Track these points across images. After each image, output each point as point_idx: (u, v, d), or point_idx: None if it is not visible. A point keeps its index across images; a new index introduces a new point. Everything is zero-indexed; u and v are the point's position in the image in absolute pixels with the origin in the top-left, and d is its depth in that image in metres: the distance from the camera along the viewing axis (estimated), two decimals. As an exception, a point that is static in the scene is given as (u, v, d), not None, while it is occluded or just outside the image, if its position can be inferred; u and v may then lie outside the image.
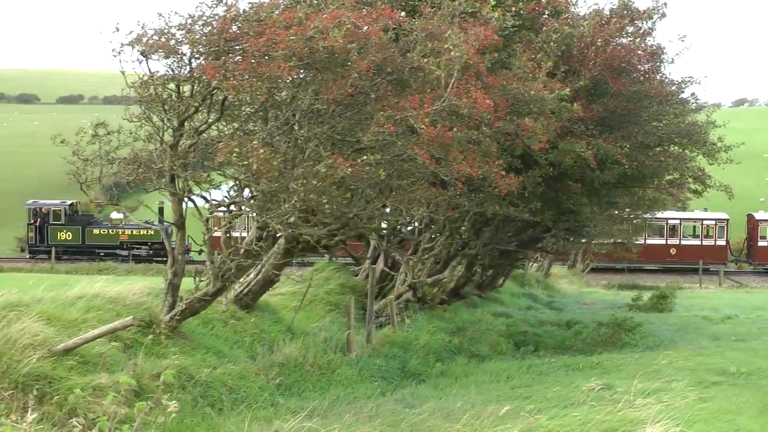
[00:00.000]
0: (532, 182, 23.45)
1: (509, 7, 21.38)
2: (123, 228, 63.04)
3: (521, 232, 32.75)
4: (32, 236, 63.23)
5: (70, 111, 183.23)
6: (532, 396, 15.94)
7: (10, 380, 11.54)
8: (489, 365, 22.04)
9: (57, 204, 64.53)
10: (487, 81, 18.48)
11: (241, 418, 12.43)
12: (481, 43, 17.40)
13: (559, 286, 61.50)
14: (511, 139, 20.83)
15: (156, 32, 15.57)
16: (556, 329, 33.60)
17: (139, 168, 16.50)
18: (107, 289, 17.34)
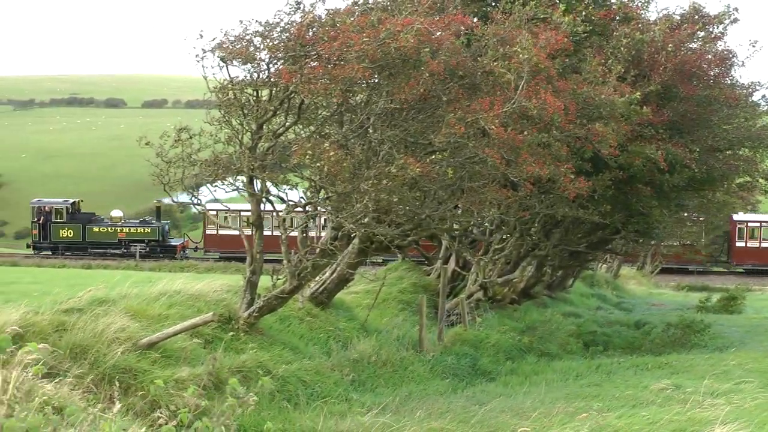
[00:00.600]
0: (601, 185, 23.21)
1: (580, 13, 21.25)
2: (121, 226, 64.24)
3: (591, 233, 32.45)
4: (36, 233, 64.27)
5: (155, 115, 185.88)
6: (601, 395, 15.76)
7: (98, 372, 11.74)
8: (558, 364, 21.87)
9: (60, 203, 65.91)
10: (558, 85, 18.36)
11: (316, 412, 12.47)
12: (552, 48, 17.30)
13: (628, 287, 60.82)
14: (581, 143, 20.64)
15: (236, 39, 15.74)
16: (625, 329, 33.25)
17: (219, 169, 16.67)
18: (188, 286, 17.52)
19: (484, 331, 23.89)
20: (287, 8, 16.09)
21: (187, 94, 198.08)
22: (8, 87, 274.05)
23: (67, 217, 63.67)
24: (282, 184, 16.66)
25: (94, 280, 19.44)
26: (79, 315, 13.18)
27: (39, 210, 64.36)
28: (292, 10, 16.06)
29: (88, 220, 64.70)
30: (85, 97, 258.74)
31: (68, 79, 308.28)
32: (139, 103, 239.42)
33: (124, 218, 66.07)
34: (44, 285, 25.17)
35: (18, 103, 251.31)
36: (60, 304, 13.75)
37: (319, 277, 20.11)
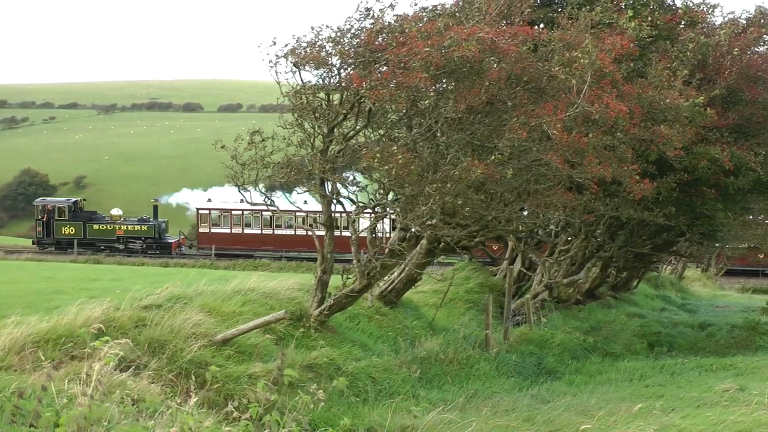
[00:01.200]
0: (666, 187, 22.90)
1: (646, 18, 21.00)
2: (120, 224, 65.43)
3: (655, 235, 32.02)
4: (40, 230, 65.57)
5: (230, 119, 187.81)
6: (665, 395, 15.55)
7: (175, 366, 11.89)
8: (623, 364, 21.63)
9: (62, 201, 67.87)
10: (623, 89, 18.16)
11: (384, 408, 12.48)
12: (618, 53, 17.13)
13: (693, 289, 59.96)
14: (646, 146, 20.40)
15: (308, 45, 15.83)
16: (689, 331, 32.76)
17: (292, 172, 16.77)
18: (261, 284, 17.66)
19: (549, 331, 23.72)
20: (357, 15, 16.17)
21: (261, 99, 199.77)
22: (93, 92, 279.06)
23: (69, 215, 65.13)
24: (352, 186, 16.72)
25: (171, 278, 19.68)
26: (158, 311, 13.37)
27: (43, 208, 65.95)
28: (363, 17, 16.13)
29: (89, 218, 66.49)
30: (165, 101, 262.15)
31: (149, 84, 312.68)
32: (215, 107, 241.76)
33: (123, 217, 67.45)
34: (125, 282, 25.58)
35: (101, 108, 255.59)
36: (139, 300, 13.96)
37: (388, 276, 20.17)
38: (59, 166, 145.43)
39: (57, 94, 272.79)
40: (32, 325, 11.84)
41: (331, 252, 17.16)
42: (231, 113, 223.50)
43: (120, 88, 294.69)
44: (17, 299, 19.97)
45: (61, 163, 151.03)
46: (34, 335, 11.53)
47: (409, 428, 11.34)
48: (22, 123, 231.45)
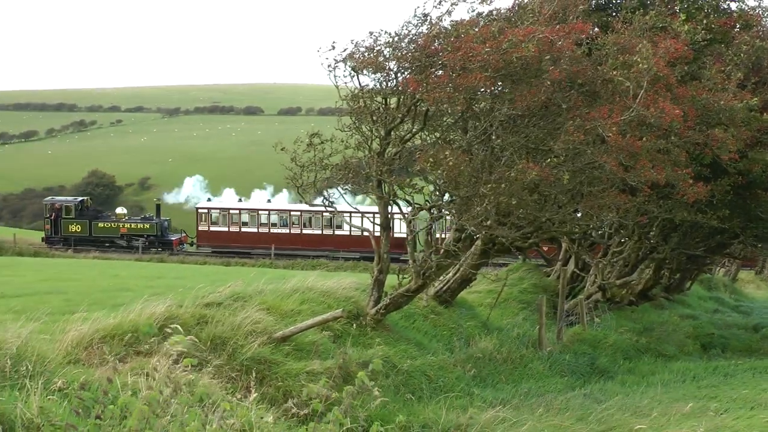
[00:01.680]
0: (720, 190, 22.59)
1: (700, 21, 20.72)
2: (123, 222, 67.43)
3: (709, 238, 31.57)
4: (48, 228, 67.37)
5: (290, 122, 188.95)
6: (718, 396, 15.34)
7: (235, 363, 11.99)
8: (675, 365, 21.42)
9: (69, 200, 69.92)
10: (677, 92, 17.96)
11: (439, 405, 12.48)
12: (672, 56, 16.95)
13: (746, 291, 59.10)
14: (700, 149, 20.14)
15: (366, 49, 15.87)
16: (742, 332, 32.34)
17: (349, 174, 16.84)
18: (319, 283, 17.74)
19: (602, 331, 23.56)
20: (415, 20, 16.19)
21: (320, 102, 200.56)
22: (157, 96, 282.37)
23: (76, 214, 66.93)
24: (408, 187, 16.74)
25: (232, 277, 19.86)
26: (219, 309, 13.49)
27: (51, 207, 67.86)
28: (420, 22, 16.15)
29: (95, 216, 68.27)
30: (226, 105, 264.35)
31: (211, 88, 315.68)
32: (275, 110, 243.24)
33: (127, 215, 69.64)
34: (187, 280, 25.85)
35: (166, 111, 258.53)
36: (202, 298, 14.09)
37: (443, 276, 20.15)
38: (125, 168, 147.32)
39: (123, 98, 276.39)
40: (99, 321, 12.01)
41: (387, 252, 17.17)
42: (290, 116, 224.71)
43: (184, 92, 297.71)
44: (85, 296, 20.25)
45: (127, 164, 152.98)
46: (101, 331, 11.69)
47: (463, 426, 11.32)
48: (91, 126, 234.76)
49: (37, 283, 26.92)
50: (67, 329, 11.69)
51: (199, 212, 69.14)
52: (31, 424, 6.39)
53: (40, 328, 10.56)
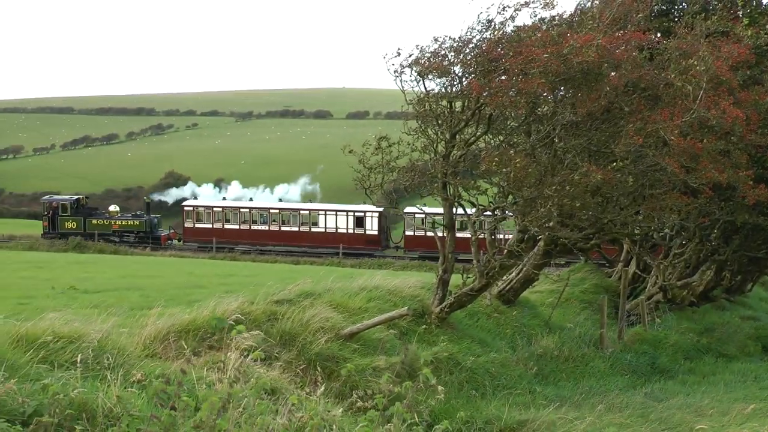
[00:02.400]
0: (783, 193, 22.18)
1: (763, 26, 20.38)
2: (116, 219, 69.42)
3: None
4: (46, 225, 69.53)
5: (358, 125, 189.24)
6: (780, 397, 15.06)
7: (304, 358, 12.07)
8: (736, 365, 21.04)
9: (66, 199, 72.18)
10: (740, 96, 17.67)
11: (501, 402, 12.43)
12: (734, 60, 16.69)
13: (809, 293, 57.78)
14: (762, 152, 19.80)
15: (431, 54, 15.89)
16: (804, 334, 31.61)
17: (415, 175, 16.86)
18: (386, 282, 17.76)
19: (663, 332, 23.23)
20: (479, 26, 16.16)
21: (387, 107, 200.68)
22: (231, 101, 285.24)
23: (72, 212, 69.16)
24: (472, 189, 16.72)
25: (301, 275, 19.97)
26: (289, 306, 13.57)
27: (48, 205, 70.35)
28: (484, 28, 16.11)
29: (89, 213, 70.31)
30: (297, 109, 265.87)
31: (282, 93, 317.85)
32: (344, 114, 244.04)
33: (120, 213, 71.55)
34: (258, 278, 26.05)
35: (239, 115, 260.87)
36: (272, 295, 14.19)
37: (506, 276, 20.06)
38: (200, 170, 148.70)
39: (199, 103, 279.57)
40: (175, 316, 12.17)
41: (452, 252, 17.17)
42: (359, 120, 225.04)
43: (256, 97, 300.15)
44: (162, 292, 20.56)
45: (202, 166, 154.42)
46: (177, 326, 11.85)
47: (525, 422, 11.27)
48: (168, 129, 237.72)
49: (117, 279, 27.40)
50: (145, 324, 11.86)
51: (185, 210, 71.55)
52: (111, 413, 6.51)
53: (119, 323, 10.74)
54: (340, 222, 67.50)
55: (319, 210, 69.38)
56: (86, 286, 23.02)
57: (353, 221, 67.26)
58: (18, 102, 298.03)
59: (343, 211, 68.09)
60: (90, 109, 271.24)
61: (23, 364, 7.72)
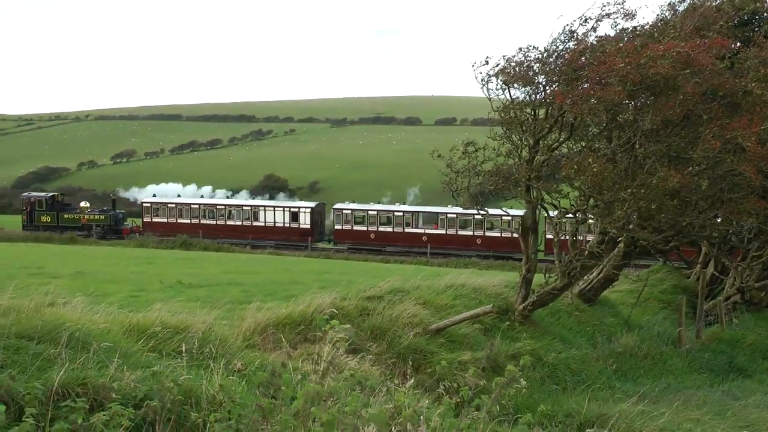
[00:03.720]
0: None
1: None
2: (85, 214, 74.50)
3: None
4: (25, 219, 74.88)
5: (446, 131, 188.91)
6: None
7: (393, 351, 12.11)
8: (815, 365, 20.41)
9: (42, 195, 78.00)
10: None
11: (582, 397, 12.30)
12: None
13: None
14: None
15: (517, 64, 15.81)
16: None
17: (500, 179, 16.79)
18: (471, 280, 17.75)
19: (741, 332, 22.68)
20: (562, 36, 16.02)
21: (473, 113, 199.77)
22: (326, 108, 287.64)
23: (47, 207, 74.79)
24: (555, 192, 16.60)
25: (391, 273, 20.05)
26: (379, 302, 13.64)
27: (27, 201, 76.34)
28: (567, 38, 15.97)
29: (62, 208, 75.73)
30: (388, 116, 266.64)
31: (374, 100, 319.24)
32: (432, 120, 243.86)
33: (89, 208, 76.18)
34: (351, 276, 26.25)
35: (333, 122, 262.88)
36: (363, 292, 14.28)
37: (587, 276, 19.83)
38: (297, 173, 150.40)
39: (296, 110, 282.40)
40: (272, 310, 12.33)
41: (535, 252, 17.08)
42: (446, 126, 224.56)
43: (350, 104, 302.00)
44: (260, 288, 20.84)
45: (298, 170, 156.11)
46: (274, 319, 12.00)
47: (605, 416, 11.13)
48: (267, 135, 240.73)
49: (220, 275, 27.85)
50: (245, 317, 12.05)
51: (144, 206, 76.67)
52: (214, 400, 6.62)
53: (221, 315, 10.91)
54: (278, 217, 72.22)
55: (259, 206, 74.09)
56: (191, 281, 23.45)
57: (289, 216, 71.90)
58: (131, 110, 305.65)
59: (280, 207, 73.61)
60: (196, 116, 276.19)
61: (135, 352, 7.90)
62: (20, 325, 7.45)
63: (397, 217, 68.24)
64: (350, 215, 69.30)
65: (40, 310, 8.14)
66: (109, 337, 7.89)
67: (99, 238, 69.57)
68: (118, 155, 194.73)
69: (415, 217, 68.41)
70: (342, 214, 69.06)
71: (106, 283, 21.06)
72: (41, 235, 68.34)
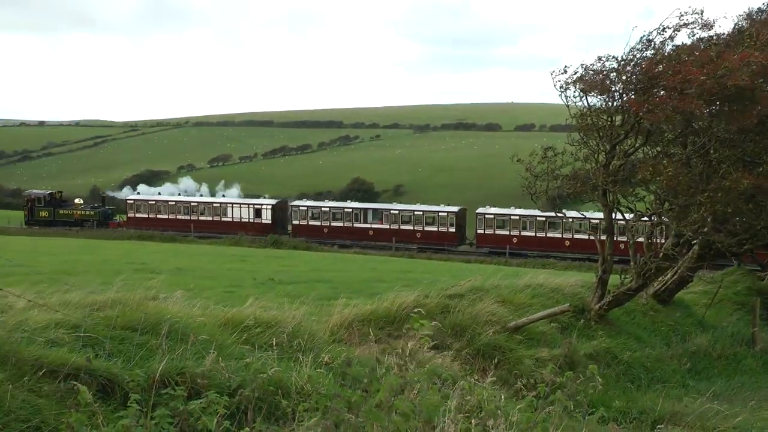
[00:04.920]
0: None
1: None
2: (78, 210, 79.47)
3: None
4: (26, 214, 79.56)
5: (525, 137, 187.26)
6: None
7: (473, 348, 12.07)
8: None
9: (41, 193, 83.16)
10: None
11: (656, 394, 12.12)
12: None
13: None
14: None
15: (594, 73, 15.65)
16: None
17: (577, 183, 16.64)
18: (549, 280, 17.63)
19: (816, 333, 21.96)
20: (639, 46, 15.80)
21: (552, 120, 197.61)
22: (410, 114, 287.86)
23: (45, 203, 79.48)
24: (630, 196, 16.40)
25: (472, 273, 19.98)
26: (460, 300, 13.61)
27: (28, 198, 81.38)
28: (644, 47, 15.74)
29: (58, 205, 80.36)
30: (469, 122, 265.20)
31: (456, 107, 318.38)
32: (512, 126, 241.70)
33: (82, 205, 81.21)
34: (433, 274, 26.22)
35: (417, 128, 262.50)
36: (445, 290, 14.27)
37: (662, 277, 19.49)
38: (382, 176, 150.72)
39: (382, 116, 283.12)
40: (358, 306, 12.41)
41: (611, 254, 16.85)
42: (525, 132, 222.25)
43: (432, 111, 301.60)
44: (347, 285, 20.99)
45: (384, 173, 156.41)
46: (360, 315, 12.07)
47: (679, 413, 10.93)
48: (354, 140, 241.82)
49: (308, 272, 28.14)
50: (332, 312, 12.15)
51: (128, 203, 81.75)
52: (302, 390, 6.69)
53: (310, 311, 11.02)
54: (243, 213, 76.99)
55: (227, 203, 78.74)
56: (282, 278, 23.74)
57: (253, 212, 76.64)
58: (227, 116, 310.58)
59: (245, 204, 78.13)
60: (288, 122, 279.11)
61: (229, 344, 8.03)
62: (125, 317, 7.65)
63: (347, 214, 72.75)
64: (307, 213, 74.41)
65: (143, 304, 8.35)
66: (205, 329, 8.04)
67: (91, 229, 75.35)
68: (214, 159, 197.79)
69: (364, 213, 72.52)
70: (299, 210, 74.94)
71: (204, 279, 21.46)
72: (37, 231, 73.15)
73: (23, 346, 6.21)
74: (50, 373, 5.97)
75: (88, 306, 7.96)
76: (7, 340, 6.15)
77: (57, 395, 5.76)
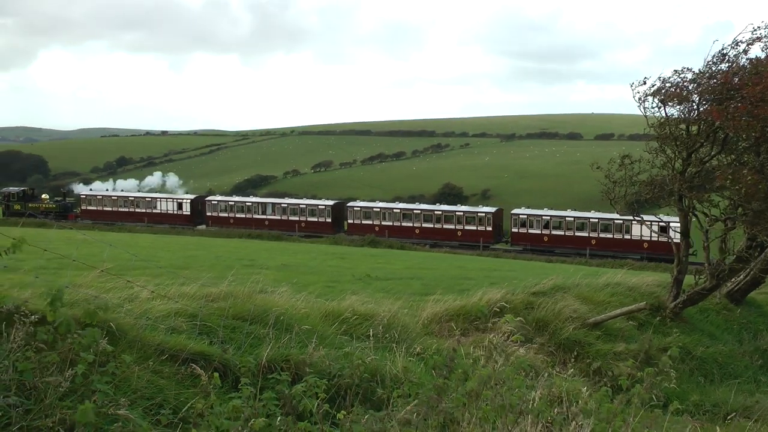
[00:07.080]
0: None
1: None
2: (43, 203, 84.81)
3: None
4: (3, 208, 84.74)
5: (605, 145, 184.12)
6: None
7: (555, 342, 11.95)
8: None
9: (15, 189, 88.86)
10: None
11: (728, 389, 11.78)
12: None
13: None
14: None
15: (672, 85, 15.39)
16: None
17: (654, 189, 16.36)
18: (626, 279, 17.33)
19: None
20: (714, 59, 15.43)
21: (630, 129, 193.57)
22: (496, 124, 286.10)
23: (18, 199, 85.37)
24: (706, 202, 16.01)
25: (554, 271, 19.72)
26: (543, 297, 13.47)
27: (5, 195, 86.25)
28: (719, 60, 15.37)
29: (29, 199, 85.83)
30: (552, 131, 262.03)
31: (540, 118, 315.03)
32: (592, 135, 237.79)
33: (48, 200, 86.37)
34: (518, 273, 25.97)
35: (503, 137, 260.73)
36: (529, 288, 14.14)
37: (735, 278, 18.90)
38: (470, 182, 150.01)
39: (471, 126, 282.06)
40: (448, 302, 12.39)
41: (686, 255, 16.48)
42: (605, 141, 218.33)
43: (517, 120, 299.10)
44: (438, 282, 20.92)
45: (472, 179, 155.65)
46: (449, 310, 12.06)
47: (751, 407, 10.58)
48: (445, 148, 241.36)
49: (403, 270, 28.16)
50: (424, 307, 12.16)
51: (81, 198, 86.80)
52: (396, 378, 6.71)
53: (403, 305, 11.05)
54: (169, 206, 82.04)
55: (157, 198, 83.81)
56: (378, 274, 23.83)
57: (176, 205, 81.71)
58: (329, 126, 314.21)
59: (170, 199, 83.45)
60: (384, 132, 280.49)
61: (329, 334, 8.11)
62: (236, 308, 7.79)
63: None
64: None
65: (252, 296, 8.50)
66: (308, 320, 8.13)
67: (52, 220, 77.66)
68: (317, 165, 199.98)
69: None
70: (217, 205, 79.29)
71: (307, 275, 21.68)
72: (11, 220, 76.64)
73: (147, 332, 6.40)
74: (171, 357, 6.13)
75: (203, 297, 8.14)
76: (134, 326, 6.33)
77: (177, 377, 5.91)
